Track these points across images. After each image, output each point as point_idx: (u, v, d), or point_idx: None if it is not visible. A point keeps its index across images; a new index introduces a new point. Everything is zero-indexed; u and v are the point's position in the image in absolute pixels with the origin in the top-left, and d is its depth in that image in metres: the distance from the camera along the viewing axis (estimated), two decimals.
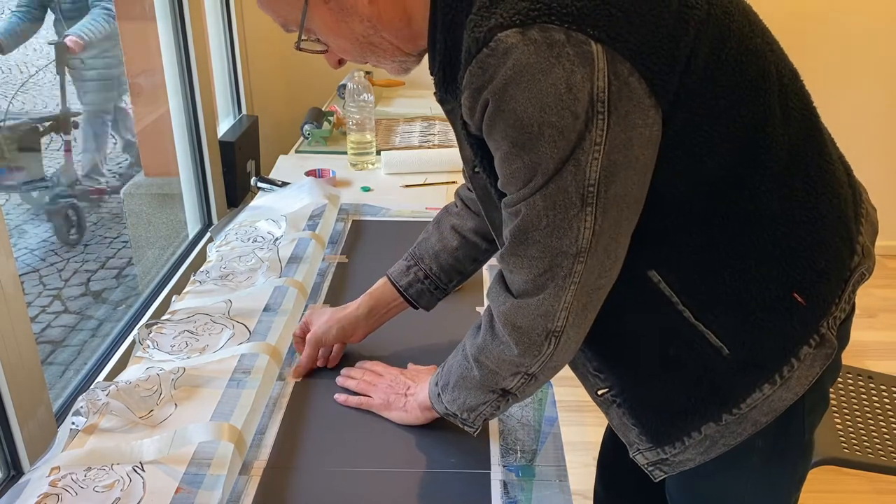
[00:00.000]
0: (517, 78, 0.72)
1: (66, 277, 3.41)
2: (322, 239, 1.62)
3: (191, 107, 2.16)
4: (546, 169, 0.76)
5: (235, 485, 0.99)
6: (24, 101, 6.00)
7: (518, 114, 0.74)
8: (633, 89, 0.73)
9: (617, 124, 0.74)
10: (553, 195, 0.77)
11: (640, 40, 0.73)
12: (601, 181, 0.76)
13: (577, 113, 0.72)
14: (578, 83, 0.72)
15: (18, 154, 3.46)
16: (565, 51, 0.71)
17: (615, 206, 0.78)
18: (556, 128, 0.73)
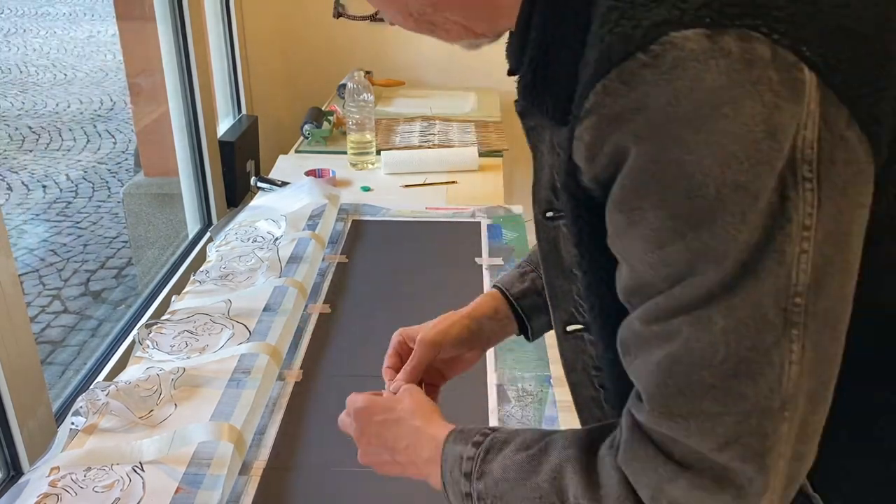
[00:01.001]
0: (692, 111, 0.46)
1: (65, 277, 3.41)
2: (322, 239, 1.62)
3: (190, 107, 2.16)
4: (723, 256, 0.47)
5: (235, 485, 0.99)
6: (23, 100, 6.00)
7: (686, 168, 0.46)
8: (852, 148, 0.47)
9: (831, 200, 0.47)
10: (742, 309, 0.48)
11: (866, 75, 0.47)
12: (811, 288, 0.48)
13: (780, 173, 0.46)
14: (785, 126, 0.45)
15: None
16: (767, 74, 0.45)
17: (826, 328, 0.49)
18: (747, 192, 0.46)
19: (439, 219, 1.78)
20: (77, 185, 4.41)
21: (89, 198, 4.24)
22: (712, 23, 0.45)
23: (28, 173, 4.57)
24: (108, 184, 4.44)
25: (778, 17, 0.46)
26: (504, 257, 1.58)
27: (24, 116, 5.63)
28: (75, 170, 4.63)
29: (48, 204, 4.16)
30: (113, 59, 7.12)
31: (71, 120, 5.56)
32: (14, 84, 6.47)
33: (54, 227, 3.88)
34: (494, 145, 2.25)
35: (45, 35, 8.30)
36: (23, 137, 5.20)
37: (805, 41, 0.46)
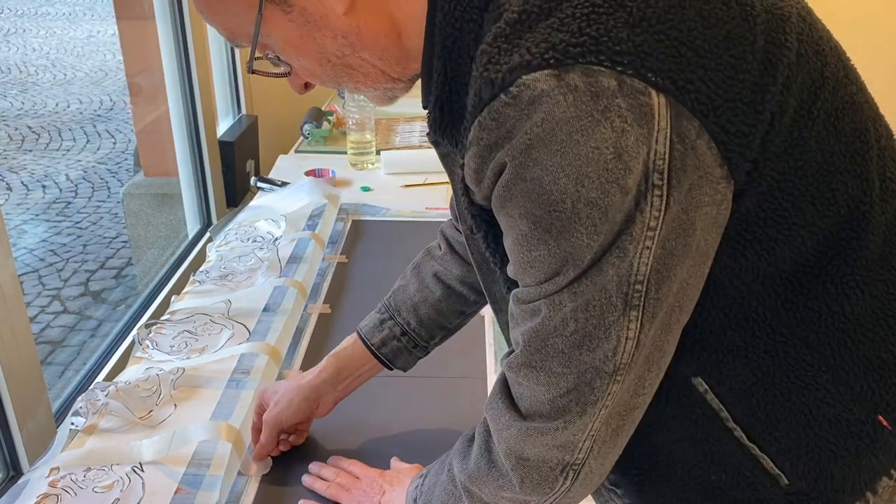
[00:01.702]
0: (547, 138, 0.53)
1: (65, 277, 3.41)
2: (322, 239, 1.62)
3: (190, 106, 2.15)
4: (580, 260, 0.57)
5: (235, 485, 0.99)
6: (23, 100, 6.00)
7: (545, 186, 0.55)
8: (702, 156, 0.55)
9: (678, 202, 0.55)
10: (587, 294, 0.58)
11: (715, 90, 0.55)
12: (652, 277, 0.57)
13: (626, 187, 0.54)
14: (631, 148, 0.53)
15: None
16: (615, 103, 0.52)
17: (666, 307, 0.59)
18: (597, 207, 0.54)
19: (439, 219, 1.78)
20: (77, 185, 4.41)
21: (89, 198, 4.24)
22: (557, 63, 0.53)
23: (28, 173, 4.57)
24: (107, 184, 4.44)
25: (620, 50, 0.53)
26: None
27: (23, 116, 5.63)
28: (75, 170, 4.63)
29: (48, 204, 4.15)
30: (113, 58, 7.12)
31: (71, 120, 5.56)
32: (14, 84, 6.47)
33: (54, 227, 3.88)
34: None
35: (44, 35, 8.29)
36: (22, 137, 5.20)
37: (651, 69, 0.53)
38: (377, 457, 1.04)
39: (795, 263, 0.63)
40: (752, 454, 0.68)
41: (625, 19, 0.54)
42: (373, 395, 1.18)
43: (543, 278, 0.60)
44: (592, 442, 0.64)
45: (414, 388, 1.18)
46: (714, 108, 0.55)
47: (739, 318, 0.65)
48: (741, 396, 0.67)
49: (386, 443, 1.08)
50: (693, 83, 0.54)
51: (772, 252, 0.62)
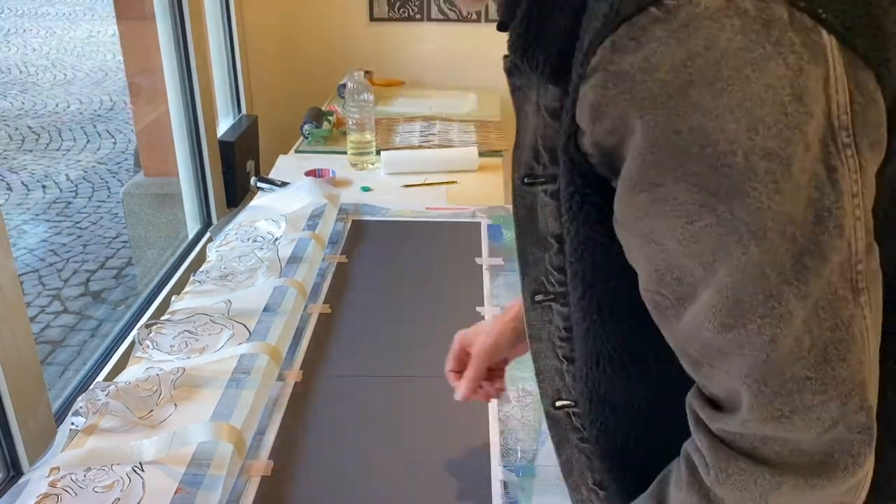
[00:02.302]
0: (712, 73, 0.43)
1: (65, 277, 3.41)
2: (322, 239, 1.62)
3: (190, 106, 2.16)
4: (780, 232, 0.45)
5: (235, 485, 0.99)
6: (23, 100, 6.00)
7: (710, 135, 0.44)
8: (881, 111, 0.46)
9: (870, 163, 0.47)
10: (816, 293, 0.46)
11: (885, 40, 0.46)
12: (866, 250, 0.47)
13: (808, 140, 0.44)
14: (812, 90, 0.44)
15: None
16: (787, 36, 0.43)
17: (877, 282, 0.49)
18: (778, 160, 0.44)
19: (439, 219, 1.78)
20: (77, 185, 4.41)
21: (89, 198, 4.24)
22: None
23: (28, 173, 4.57)
24: (107, 184, 4.44)
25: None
26: (504, 257, 1.58)
27: (23, 116, 5.63)
28: (75, 170, 4.63)
29: (48, 204, 4.15)
30: (113, 58, 7.12)
31: (71, 120, 5.56)
32: (14, 84, 6.47)
33: (54, 227, 3.88)
34: (494, 145, 2.25)
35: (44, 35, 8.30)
36: (22, 137, 5.20)
37: (822, 4, 0.44)
38: (377, 456, 1.04)
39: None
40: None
41: None
42: (373, 395, 1.18)
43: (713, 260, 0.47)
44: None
45: (414, 388, 1.18)
46: (886, 61, 0.46)
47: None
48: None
49: (386, 442, 1.08)
50: (864, 29, 0.46)
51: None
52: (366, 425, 1.11)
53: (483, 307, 1.40)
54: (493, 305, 1.41)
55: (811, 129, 0.44)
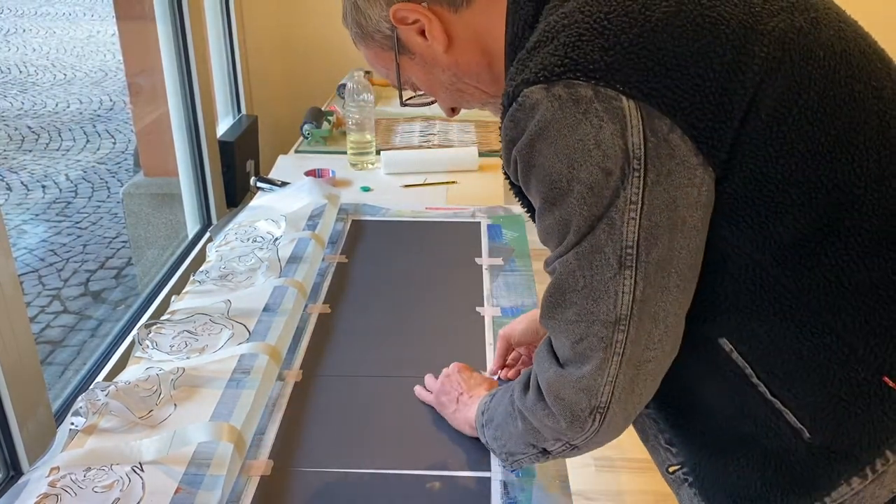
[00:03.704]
0: (543, 134, 0.70)
1: (65, 277, 3.41)
2: (322, 239, 1.62)
3: (190, 107, 2.16)
4: (578, 226, 0.72)
5: (235, 485, 0.99)
6: (23, 100, 6.00)
7: (546, 169, 0.71)
8: (675, 146, 0.68)
9: (657, 183, 0.69)
10: (587, 254, 0.72)
11: (681, 95, 0.68)
12: (641, 243, 0.71)
13: (608, 169, 0.69)
14: (607, 139, 0.68)
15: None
16: (593, 107, 0.68)
17: (660, 270, 0.72)
18: (585, 184, 0.70)
19: (439, 219, 1.78)
20: (77, 185, 4.41)
21: (89, 198, 4.24)
22: (546, 79, 0.69)
23: (28, 173, 4.57)
24: (107, 184, 4.44)
25: (594, 68, 0.68)
26: (504, 257, 1.58)
27: (23, 116, 5.63)
28: (75, 170, 4.63)
29: (48, 204, 4.16)
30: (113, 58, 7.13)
31: (70, 120, 5.56)
32: (14, 84, 6.47)
33: (54, 227, 3.88)
34: (494, 145, 2.25)
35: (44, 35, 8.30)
36: (22, 137, 5.20)
37: (619, 81, 0.67)
38: (377, 455, 1.04)
39: (792, 237, 0.71)
40: (775, 408, 0.77)
41: (601, 45, 0.69)
42: (373, 395, 1.18)
43: (557, 242, 0.75)
44: (612, 388, 0.76)
45: (413, 387, 1.18)
46: (682, 109, 0.68)
47: (748, 284, 0.74)
48: (761, 355, 0.76)
49: (386, 442, 1.08)
50: (660, 90, 0.68)
51: (764, 227, 0.71)
52: (366, 425, 1.11)
53: (483, 307, 1.40)
54: (493, 305, 1.41)
55: (610, 163, 0.69)
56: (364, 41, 0.89)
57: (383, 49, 0.88)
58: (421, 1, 0.81)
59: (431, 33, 0.82)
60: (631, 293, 0.72)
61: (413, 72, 0.88)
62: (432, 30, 0.82)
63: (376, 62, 0.91)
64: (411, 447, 1.07)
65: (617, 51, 0.68)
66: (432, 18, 0.81)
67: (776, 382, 0.76)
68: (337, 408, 1.15)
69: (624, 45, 0.68)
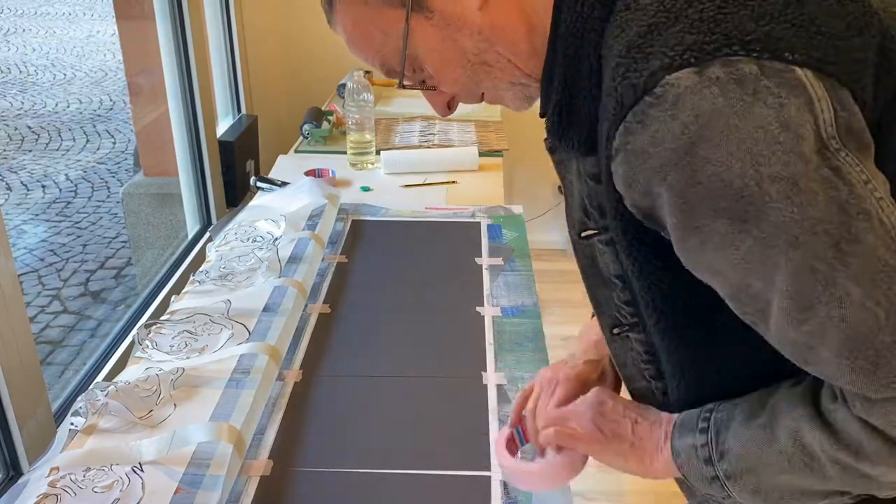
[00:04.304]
0: (705, 133, 0.54)
1: (64, 277, 3.41)
2: (321, 239, 1.62)
3: (190, 106, 2.15)
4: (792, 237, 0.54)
5: (235, 485, 0.99)
6: (23, 100, 6.00)
7: (723, 178, 0.54)
8: (861, 120, 0.56)
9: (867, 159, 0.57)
10: (865, 271, 0.54)
11: (853, 66, 0.56)
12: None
13: (804, 155, 0.53)
14: (795, 116, 0.53)
15: None
16: (762, 84, 0.54)
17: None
18: (784, 180, 0.53)
19: (439, 219, 1.78)
20: (76, 185, 4.41)
21: (89, 198, 4.24)
22: (697, 60, 0.55)
23: (27, 173, 4.57)
24: (107, 184, 4.44)
25: (751, 39, 0.55)
26: (504, 257, 1.58)
27: (23, 116, 5.63)
28: (75, 170, 4.63)
29: (47, 204, 4.15)
30: (112, 58, 7.12)
31: (70, 120, 5.56)
32: (14, 84, 6.47)
33: (53, 227, 3.88)
34: (494, 145, 2.25)
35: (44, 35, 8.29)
36: (22, 137, 5.20)
37: (786, 49, 0.55)
38: (377, 455, 1.04)
39: None
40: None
41: (748, 14, 0.56)
42: (373, 395, 1.18)
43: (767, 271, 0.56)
44: None
45: (414, 388, 1.18)
46: (855, 80, 0.56)
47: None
48: None
49: (386, 442, 1.08)
50: (829, 59, 0.55)
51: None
52: (366, 425, 1.11)
53: (483, 307, 1.40)
54: (493, 305, 1.41)
55: (806, 147, 0.53)
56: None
57: (388, 5, 0.69)
58: None
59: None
60: None
61: (425, 38, 0.70)
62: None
63: (370, 26, 0.71)
64: (411, 447, 1.06)
65: (769, 20, 0.56)
66: None
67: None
68: (337, 408, 1.15)
69: (774, 15, 0.56)
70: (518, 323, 1.36)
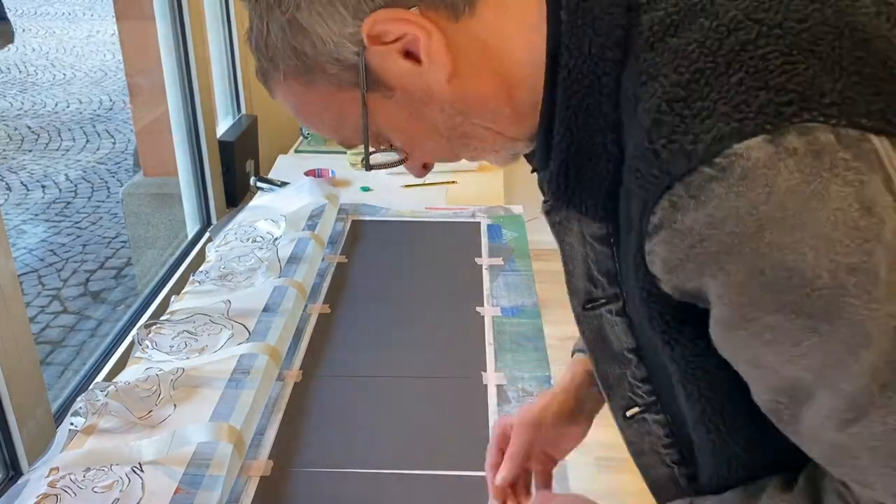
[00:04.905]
0: (779, 215, 0.46)
1: (64, 277, 3.41)
2: (321, 239, 1.62)
3: (190, 106, 2.15)
4: (866, 336, 0.47)
5: (235, 485, 0.99)
6: (23, 100, 6.00)
7: (792, 268, 0.46)
8: None
9: None
10: None
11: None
12: None
13: (887, 242, 0.45)
14: (878, 197, 0.45)
15: None
16: (839, 157, 0.45)
17: None
18: (863, 272, 0.45)
19: (439, 219, 1.78)
20: (76, 185, 4.40)
21: (88, 198, 4.24)
22: (773, 128, 0.46)
23: (27, 173, 4.56)
24: (107, 184, 4.43)
25: (828, 102, 0.46)
26: (504, 257, 1.58)
27: (23, 116, 5.62)
28: (74, 170, 4.63)
29: (47, 204, 4.15)
30: (112, 58, 7.12)
31: (70, 120, 5.55)
32: (13, 84, 6.47)
33: (53, 227, 3.88)
34: None
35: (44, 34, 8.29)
36: (22, 137, 5.20)
37: (862, 114, 0.46)
38: (377, 455, 1.04)
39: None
40: None
41: (819, 65, 0.47)
42: (373, 395, 1.18)
43: (829, 372, 0.49)
44: None
45: (413, 388, 1.18)
46: None
47: None
48: None
49: (386, 442, 1.07)
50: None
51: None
52: (366, 425, 1.11)
53: (483, 307, 1.40)
54: (493, 305, 1.41)
55: (888, 232, 0.45)
56: (306, 77, 0.61)
57: (338, 87, 0.60)
58: (410, 5, 0.55)
59: (430, 53, 0.56)
60: None
61: (387, 116, 0.61)
62: (432, 48, 0.56)
63: (323, 110, 0.64)
64: (411, 447, 1.06)
65: (840, 73, 0.47)
66: (432, 30, 0.55)
67: None
68: (337, 408, 1.15)
69: (845, 65, 0.47)
70: (518, 323, 1.36)
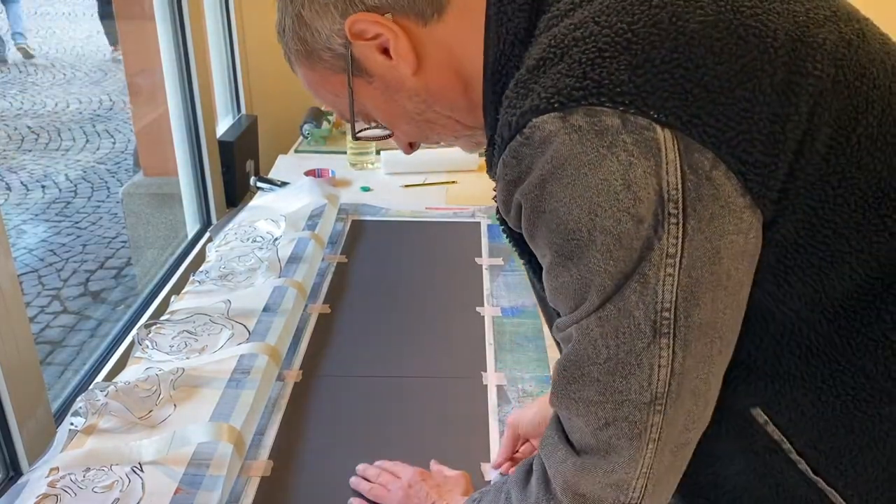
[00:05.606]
0: (557, 173, 0.57)
1: (64, 277, 3.41)
2: (321, 239, 1.62)
3: (190, 106, 2.15)
4: (602, 285, 0.59)
5: (235, 485, 0.99)
6: (23, 100, 6.00)
7: (561, 216, 0.58)
8: (719, 186, 0.56)
9: (698, 231, 0.57)
10: (613, 320, 0.59)
11: (725, 122, 0.56)
12: (679, 305, 0.58)
13: (639, 216, 0.56)
14: (639, 178, 0.55)
15: None
16: (620, 139, 0.55)
17: (702, 336, 0.59)
18: (611, 234, 0.57)
19: (439, 219, 1.78)
20: (76, 185, 4.40)
21: (88, 198, 4.24)
22: (562, 106, 0.57)
23: (27, 173, 4.56)
24: (107, 184, 4.43)
25: (621, 91, 0.56)
26: (504, 257, 1.58)
27: (23, 116, 5.62)
28: (74, 170, 4.62)
29: (47, 204, 4.15)
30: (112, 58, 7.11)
31: (70, 120, 5.55)
32: (14, 84, 6.47)
33: (53, 227, 3.88)
34: None
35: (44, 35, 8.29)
36: (22, 137, 5.19)
37: (652, 107, 0.55)
38: (377, 455, 1.04)
39: (846, 290, 0.61)
40: (818, 488, 0.66)
41: (628, 62, 0.57)
42: (372, 395, 1.18)
43: (573, 305, 0.62)
44: (646, 480, 0.63)
45: (413, 388, 1.18)
46: (727, 140, 0.56)
47: (792, 346, 0.63)
48: (803, 427, 0.65)
49: (385, 442, 1.07)
50: (701, 118, 0.56)
51: (818, 279, 0.60)
52: (366, 425, 1.11)
53: (483, 307, 1.40)
54: (493, 305, 1.41)
55: (643, 208, 0.56)
56: (308, 61, 0.75)
57: (332, 71, 0.73)
58: (384, 11, 0.67)
59: (398, 51, 0.68)
60: (669, 366, 0.59)
61: (370, 98, 0.74)
62: (399, 47, 0.68)
63: (322, 87, 0.77)
64: (411, 447, 1.06)
65: (647, 69, 0.56)
66: (399, 33, 0.68)
67: (821, 459, 0.65)
68: (337, 408, 1.15)
69: (655, 63, 0.56)
70: (518, 323, 1.36)
